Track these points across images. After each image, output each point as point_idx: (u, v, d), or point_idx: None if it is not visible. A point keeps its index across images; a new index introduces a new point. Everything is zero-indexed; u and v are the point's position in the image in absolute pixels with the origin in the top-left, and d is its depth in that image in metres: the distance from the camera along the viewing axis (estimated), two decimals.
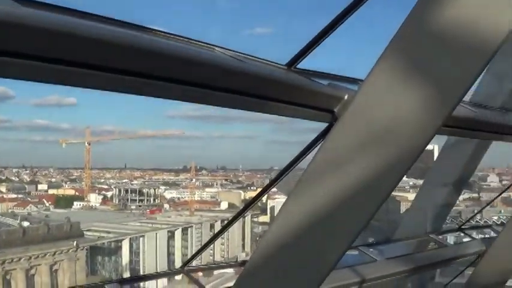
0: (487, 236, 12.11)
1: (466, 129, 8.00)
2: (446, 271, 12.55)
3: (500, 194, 12.66)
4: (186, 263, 8.33)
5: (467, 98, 9.35)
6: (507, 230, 10.64)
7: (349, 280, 8.60)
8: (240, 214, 8.37)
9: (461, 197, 20.07)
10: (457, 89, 4.78)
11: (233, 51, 5.18)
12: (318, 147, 5.18)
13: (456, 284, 11.65)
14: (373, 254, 9.29)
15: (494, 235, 11.31)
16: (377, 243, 10.61)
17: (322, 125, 5.34)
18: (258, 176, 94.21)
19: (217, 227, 73.17)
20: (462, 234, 11.54)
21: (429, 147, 14.61)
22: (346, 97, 5.07)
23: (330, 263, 5.23)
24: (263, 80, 4.89)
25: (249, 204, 8.08)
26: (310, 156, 5.48)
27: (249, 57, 5.25)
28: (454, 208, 18.24)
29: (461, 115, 7.55)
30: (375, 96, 4.75)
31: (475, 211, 17.95)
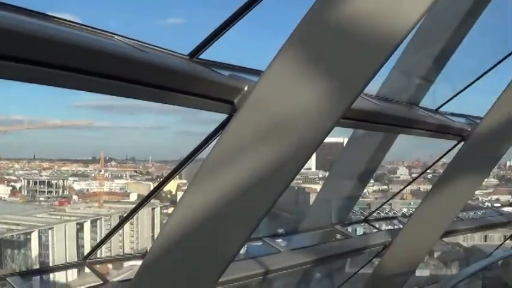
0: (394, 227, 12.42)
1: (370, 122, 8.23)
2: (356, 261, 12.84)
3: (406, 187, 13.22)
4: (87, 255, 8.24)
5: (373, 91, 9.67)
6: (412, 221, 11.02)
7: (252, 271, 8.65)
8: (139, 206, 8.31)
9: (370, 189, 20.68)
10: (356, 82, 4.92)
11: (134, 40, 5.15)
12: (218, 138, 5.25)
13: (366, 274, 11.94)
14: (277, 245, 9.42)
15: (401, 226, 11.66)
16: (282, 235, 10.79)
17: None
18: (168, 167, 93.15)
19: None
20: (368, 225, 11.84)
21: (339, 139, 14.86)
22: (246, 88, 5.08)
23: (230, 254, 5.32)
24: (164, 70, 4.87)
25: (148, 197, 8.04)
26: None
27: (150, 47, 5.24)
28: (363, 200, 18.73)
29: (366, 108, 7.78)
30: (274, 88, 4.83)
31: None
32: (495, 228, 16.03)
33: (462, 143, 10.49)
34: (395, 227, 12.29)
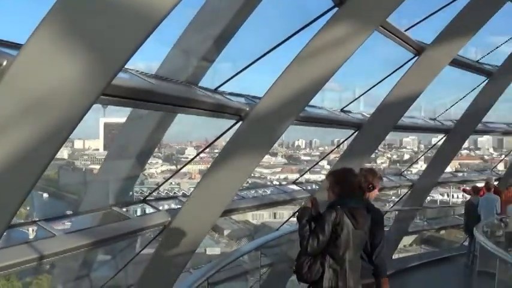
0: (178, 206, 12.56)
1: (144, 101, 8.40)
2: (145, 242, 12.86)
3: (183, 167, 13.51)
4: None
5: (151, 70, 9.83)
6: (190, 201, 11.38)
7: (24, 257, 8.40)
8: None
9: (159, 169, 20.86)
10: (117, 58, 5.06)
11: None
12: None
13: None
14: (52, 229, 9.25)
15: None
16: (59, 217, 10.57)
17: None
18: None
19: None
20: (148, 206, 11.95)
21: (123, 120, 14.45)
22: (4, 63, 4.87)
23: None
24: None
25: None
26: None
27: None
28: (153, 180, 18.80)
29: (140, 86, 7.94)
30: (31, 64, 4.82)
31: (173, 183, 18.87)
32: (279, 205, 16.84)
33: (241, 122, 11.03)
34: (178, 206, 12.48)
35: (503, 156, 28.57)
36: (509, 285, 9.07)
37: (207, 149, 13.92)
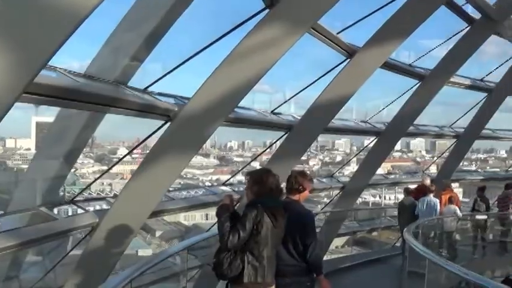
0: (104, 207, 12.49)
1: (70, 100, 8.38)
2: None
3: (112, 167, 13.49)
4: None
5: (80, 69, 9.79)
6: (118, 202, 11.35)
7: None
8: None
9: (91, 170, 20.70)
10: (39, 56, 5.09)
11: None
12: None
13: None
14: None
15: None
16: None
17: None
18: None
19: None
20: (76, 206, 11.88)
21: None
22: None
23: None
24: None
25: None
26: None
27: None
28: (84, 181, 18.62)
29: (66, 85, 7.93)
30: None
31: (104, 183, 18.85)
32: (210, 206, 16.88)
33: (169, 122, 11.07)
34: (108, 207, 12.41)
35: (435, 158, 29.17)
36: (438, 285, 9.37)
37: (139, 150, 13.87)
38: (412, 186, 17.56)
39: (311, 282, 6.35)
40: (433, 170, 27.08)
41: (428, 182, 16.31)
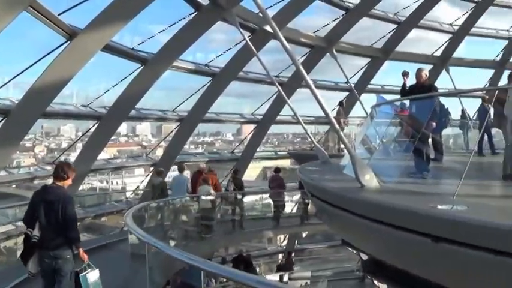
0: None
1: None
2: None
3: None
4: None
5: None
6: None
7: None
8: None
9: None
10: None
11: None
12: None
13: None
14: None
15: None
16: None
17: None
18: None
19: None
20: None
21: None
22: None
23: None
24: None
25: None
26: None
27: None
28: None
29: None
30: None
31: None
32: None
33: None
34: None
35: (160, 142, 30.02)
36: (158, 265, 10.16)
37: None
38: (138, 170, 18.79)
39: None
40: (159, 153, 28.00)
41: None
